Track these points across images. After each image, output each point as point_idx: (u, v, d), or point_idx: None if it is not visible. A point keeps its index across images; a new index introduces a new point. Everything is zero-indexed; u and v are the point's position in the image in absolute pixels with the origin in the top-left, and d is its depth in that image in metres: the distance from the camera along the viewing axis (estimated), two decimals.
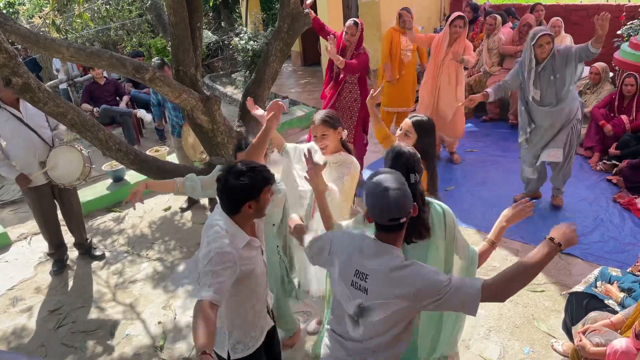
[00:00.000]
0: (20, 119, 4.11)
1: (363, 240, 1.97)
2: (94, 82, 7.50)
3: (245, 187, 2.08)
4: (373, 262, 1.89)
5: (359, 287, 1.92)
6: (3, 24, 2.85)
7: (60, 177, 4.23)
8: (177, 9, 3.19)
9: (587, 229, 4.44)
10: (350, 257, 1.97)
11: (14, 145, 4.14)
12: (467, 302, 1.81)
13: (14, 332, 3.94)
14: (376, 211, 1.85)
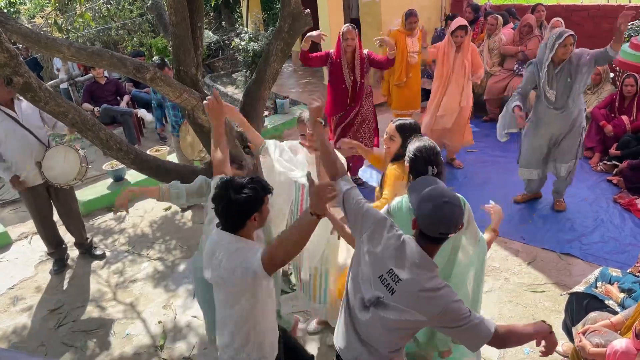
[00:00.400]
0: (15, 119, 4.11)
1: (406, 244, 1.95)
2: (95, 82, 7.51)
3: (250, 199, 2.06)
4: (411, 271, 1.89)
5: (386, 284, 1.93)
6: (4, 23, 2.85)
7: (57, 177, 4.23)
8: (178, 8, 3.19)
9: (587, 229, 4.44)
10: (387, 252, 1.96)
11: (10, 145, 4.13)
12: (475, 341, 1.90)
13: (14, 331, 3.94)
14: (431, 222, 1.87)
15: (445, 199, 1.87)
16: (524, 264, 4.09)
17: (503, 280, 3.92)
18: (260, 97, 3.83)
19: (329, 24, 8.29)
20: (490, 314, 3.58)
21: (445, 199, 1.87)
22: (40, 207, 4.41)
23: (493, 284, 3.88)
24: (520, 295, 3.75)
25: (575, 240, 4.31)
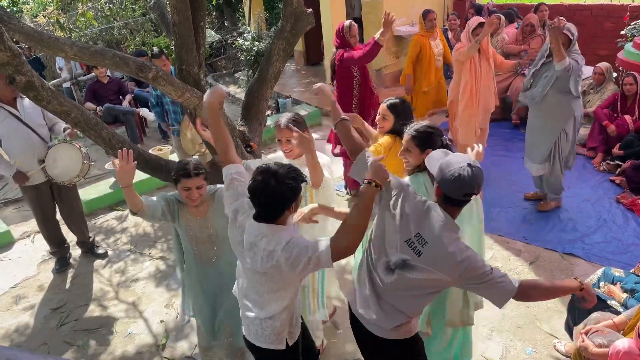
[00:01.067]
0: (18, 117, 4.13)
1: (431, 209, 2.08)
2: (98, 81, 7.52)
3: (292, 189, 2.04)
4: (438, 234, 2.02)
5: (413, 248, 2.06)
6: (7, 22, 2.86)
7: (60, 175, 4.23)
8: (180, 8, 3.19)
9: (590, 229, 4.43)
10: (413, 217, 2.08)
11: (12, 143, 4.14)
12: (501, 297, 2.05)
13: (16, 330, 3.95)
14: (456, 185, 2.00)
15: (468, 162, 2.01)
16: (526, 264, 4.08)
17: None
18: (262, 96, 3.83)
19: (331, 23, 8.28)
20: (492, 314, 3.58)
21: (468, 162, 2.01)
22: (43, 206, 4.42)
23: None
24: None
25: (578, 240, 4.30)
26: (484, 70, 5.01)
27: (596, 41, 7.67)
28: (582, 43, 6.44)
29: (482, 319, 3.53)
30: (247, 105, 3.86)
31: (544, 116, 4.43)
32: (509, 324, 3.48)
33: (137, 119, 7.61)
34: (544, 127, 4.47)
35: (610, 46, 7.30)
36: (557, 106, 4.32)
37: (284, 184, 2.02)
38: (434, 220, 2.04)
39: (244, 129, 3.71)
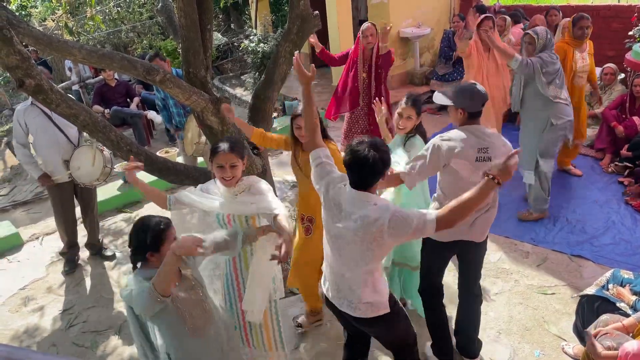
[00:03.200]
0: (49, 116, 4.23)
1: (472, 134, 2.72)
2: (105, 84, 7.57)
3: (388, 158, 2.27)
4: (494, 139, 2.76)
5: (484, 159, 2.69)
6: (16, 26, 2.88)
7: (82, 177, 4.35)
8: (187, 11, 3.21)
9: (598, 231, 4.40)
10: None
11: (40, 141, 4.29)
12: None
13: (25, 332, 3.98)
14: (475, 100, 2.68)
15: (472, 83, 2.70)
16: (534, 265, 4.06)
17: (513, 282, 3.90)
18: (269, 98, 3.85)
19: (337, 25, 8.29)
20: (500, 316, 3.56)
21: (473, 83, 2.69)
22: (65, 204, 4.51)
23: (503, 286, 3.86)
24: (531, 297, 3.72)
25: (586, 242, 4.27)
26: (492, 69, 5.04)
27: (603, 42, 7.62)
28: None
29: (489, 321, 3.52)
30: (254, 107, 3.87)
31: (525, 121, 4.51)
32: (517, 326, 3.47)
33: (145, 122, 7.65)
34: (525, 132, 4.53)
35: (617, 47, 7.25)
36: (534, 110, 4.35)
37: (381, 153, 2.22)
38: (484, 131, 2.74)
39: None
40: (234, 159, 2.59)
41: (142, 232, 2.27)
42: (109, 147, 3.37)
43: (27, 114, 4.24)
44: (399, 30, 8.38)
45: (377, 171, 2.23)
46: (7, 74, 3.91)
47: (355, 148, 2.23)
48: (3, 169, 7.69)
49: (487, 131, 2.75)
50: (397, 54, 8.46)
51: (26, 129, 4.27)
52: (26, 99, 4.35)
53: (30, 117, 4.24)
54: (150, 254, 2.26)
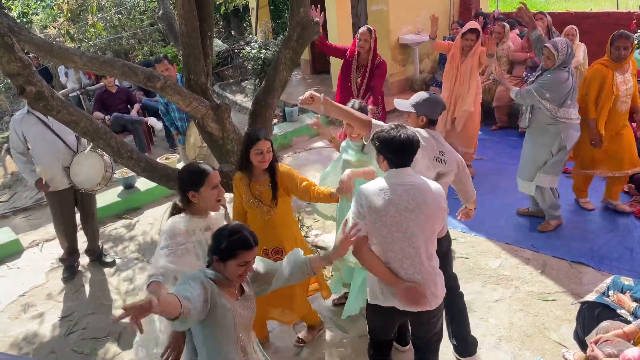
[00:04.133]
0: (47, 123, 4.22)
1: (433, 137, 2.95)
2: (106, 91, 7.59)
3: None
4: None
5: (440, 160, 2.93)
6: (17, 33, 2.90)
7: (83, 182, 4.33)
8: (188, 18, 3.23)
9: (598, 237, 4.40)
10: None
11: (39, 149, 4.26)
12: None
13: (25, 338, 3.97)
14: (437, 108, 2.99)
15: (428, 93, 3.03)
16: (535, 272, 4.06)
17: (513, 288, 3.89)
18: (269, 105, 3.86)
19: (337, 32, 8.33)
20: (500, 322, 3.56)
21: (429, 92, 3.04)
22: (65, 211, 4.50)
23: (503, 293, 3.85)
24: (531, 304, 3.72)
25: (587, 248, 4.27)
26: (462, 73, 5.22)
27: (603, 49, 7.64)
28: (589, 51, 6.44)
29: (490, 328, 3.51)
30: (255, 113, 3.88)
31: (532, 133, 4.40)
32: (518, 333, 3.46)
33: (145, 128, 7.66)
34: (531, 144, 4.44)
35: None
36: (544, 124, 4.25)
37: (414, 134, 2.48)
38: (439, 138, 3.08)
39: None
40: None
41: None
42: (109, 154, 3.38)
43: (24, 123, 4.21)
44: (398, 37, 8.41)
45: (416, 149, 2.47)
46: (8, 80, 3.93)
47: (392, 132, 2.45)
48: (3, 176, 7.70)
49: (442, 139, 3.06)
50: (396, 60, 8.51)
51: (23, 137, 4.23)
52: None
53: (27, 125, 4.20)
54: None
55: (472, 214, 3.42)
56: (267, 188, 3.06)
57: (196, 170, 2.49)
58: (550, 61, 4.08)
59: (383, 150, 2.49)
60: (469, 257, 4.31)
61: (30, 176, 4.32)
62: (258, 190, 3.07)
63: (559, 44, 4.03)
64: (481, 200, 5.18)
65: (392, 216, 2.41)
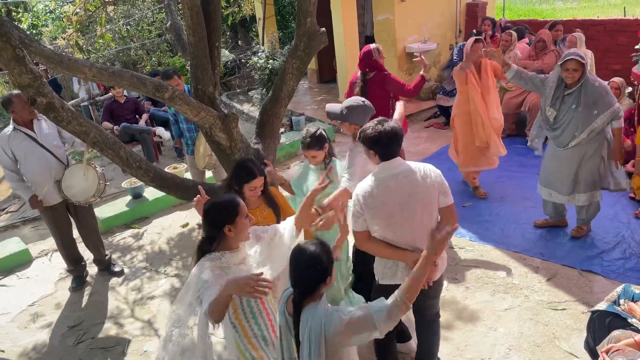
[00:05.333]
0: (35, 139, 4.20)
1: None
2: (115, 101, 7.66)
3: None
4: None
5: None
6: (28, 45, 2.94)
7: (76, 195, 4.31)
8: (196, 29, 3.26)
9: (608, 245, 4.36)
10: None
11: (29, 165, 4.21)
12: None
13: (34, 348, 3.98)
14: (365, 116, 3.24)
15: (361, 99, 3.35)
16: (544, 281, 4.03)
17: (523, 297, 3.86)
18: (276, 114, 3.88)
19: (343, 42, 8.37)
20: (510, 332, 3.53)
21: (361, 99, 3.35)
22: (60, 225, 4.48)
23: (513, 302, 3.82)
24: (541, 313, 3.69)
25: (596, 256, 4.23)
26: (486, 86, 4.99)
27: (610, 56, 7.63)
28: (596, 58, 6.43)
29: (499, 338, 3.48)
30: (262, 123, 3.90)
31: (574, 151, 4.18)
32: (527, 342, 3.43)
33: (153, 138, 7.71)
34: (573, 160, 4.22)
35: (624, 61, 7.25)
36: (598, 138, 4.11)
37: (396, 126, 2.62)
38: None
39: (259, 147, 3.75)
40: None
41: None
42: (118, 164, 3.40)
43: (12, 140, 4.14)
44: (405, 46, 8.44)
45: (401, 140, 2.61)
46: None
47: (378, 127, 2.58)
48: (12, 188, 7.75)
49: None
50: (402, 69, 8.52)
51: (12, 155, 4.16)
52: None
53: (16, 142, 4.14)
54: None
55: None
56: (267, 211, 2.99)
57: (227, 203, 2.33)
58: (577, 73, 3.95)
59: (374, 146, 2.61)
60: (478, 266, 4.28)
61: (25, 193, 4.29)
62: (259, 217, 2.92)
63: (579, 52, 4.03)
64: (489, 208, 5.19)
65: (389, 207, 2.60)
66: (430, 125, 7.78)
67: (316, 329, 2.03)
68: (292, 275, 2.13)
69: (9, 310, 4.47)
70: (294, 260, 2.12)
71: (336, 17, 8.34)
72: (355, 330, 2.03)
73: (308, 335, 2.04)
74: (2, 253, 5.17)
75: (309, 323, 2.05)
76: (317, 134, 3.25)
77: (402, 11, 8.16)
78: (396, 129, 2.60)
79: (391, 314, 2.02)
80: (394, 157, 2.63)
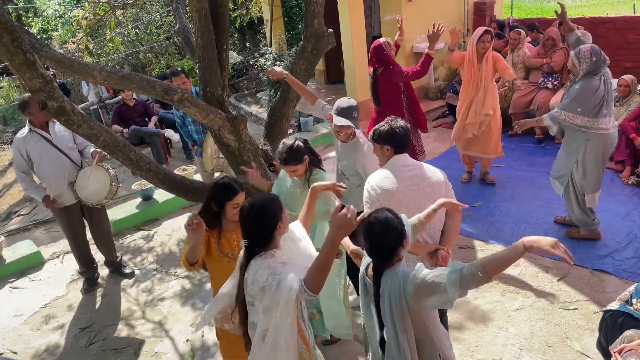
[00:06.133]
0: (50, 140, 4.26)
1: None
2: (124, 104, 7.71)
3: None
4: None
5: None
6: (39, 50, 2.97)
7: (89, 197, 4.35)
8: (204, 32, 3.28)
9: (620, 244, 4.32)
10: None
11: (44, 166, 4.27)
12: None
13: (46, 350, 4.02)
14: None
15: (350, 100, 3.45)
16: (555, 280, 4.00)
17: (534, 297, 3.84)
18: (284, 115, 3.89)
19: (351, 42, 8.36)
20: (521, 332, 3.51)
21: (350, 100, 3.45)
22: (73, 226, 4.53)
23: (524, 302, 3.80)
24: (552, 313, 3.66)
25: (608, 256, 4.20)
26: (486, 77, 5.09)
27: (620, 53, 7.57)
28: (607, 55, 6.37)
29: (510, 338, 3.46)
30: (270, 124, 3.91)
31: (565, 139, 4.30)
32: (539, 342, 3.41)
33: (162, 140, 7.75)
34: (563, 149, 4.32)
35: (635, 58, 7.20)
36: (572, 132, 4.14)
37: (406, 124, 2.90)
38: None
39: (267, 148, 3.76)
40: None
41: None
42: (128, 167, 3.42)
43: (28, 142, 4.22)
44: (412, 45, 8.41)
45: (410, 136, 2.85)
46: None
47: (393, 124, 2.78)
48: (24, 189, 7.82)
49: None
50: None
51: (27, 156, 4.23)
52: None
53: (31, 144, 4.21)
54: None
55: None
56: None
57: (273, 202, 2.27)
58: (576, 69, 4.00)
59: (388, 141, 2.79)
60: None
61: (37, 194, 4.34)
62: (237, 240, 2.70)
63: (581, 51, 3.92)
64: (499, 208, 5.16)
65: (402, 194, 2.74)
66: (438, 125, 7.75)
67: (395, 291, 2.08)
68: (370, 247, 2.14)
69: (21, 312, 4.52)
70: (369, 233, 2.11)
71: (343, 18, 8.33)
72: (427, 293, 2.04)
73: (388, 298, 2.10)
74: (14, 255, 5.23)
75: (388, 285, 2.10)
76: (294, 147, 3.07)
77: (410, 11, 8.14)
78: (407, 126, 2.82)
79: (462, 283, 1.99)
80: (406, 152, 2.83)
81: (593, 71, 3.94)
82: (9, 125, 11.74)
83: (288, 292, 2.04)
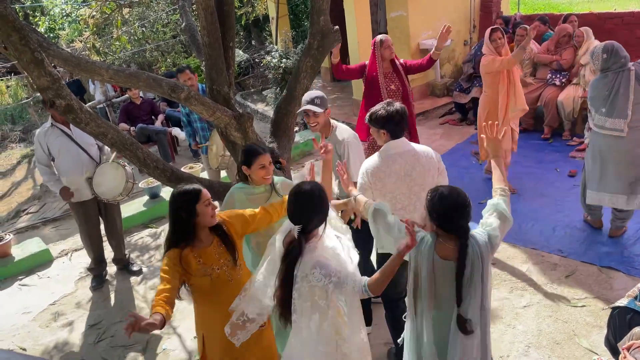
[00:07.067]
0: (70, 136, 4.32)
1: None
2: (131, 102, 7.75)
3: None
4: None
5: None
6: (46, 48, 2.99)
7: (105, 193, 4.41)
8: (211, 30, 3.28)
9: (628, 241, 4.30)
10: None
11: (63, 161, 4.34)
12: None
13: (55, 347, 4.05)
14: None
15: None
16: (563, 277, 3.98)
17: (541, 294, 3.82)
18: (290, 113, 3.88)
19: (357, 39, 8.35)
20: (529, 329, 3.50)
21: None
22: (89, 221, 4.58)
23: (531, 299, 3.79)
24: (560, 310, 3.65)
25: (616, 252, 4.17)
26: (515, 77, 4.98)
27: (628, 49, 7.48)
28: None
29: (518, 335, 3.45)
30: (276, 122, 3.91)
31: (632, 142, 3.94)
32: (547, 339, 3.40)
33: (169, 138, 7.79)
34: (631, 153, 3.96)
35: None
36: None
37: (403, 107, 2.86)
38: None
39: (274, 146, 3.76)
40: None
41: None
42: (136, 164, 3.43)
43: (48, 136, 4.30)
44: (418, 42, 8.39)
45: (406, 119, 2.88)
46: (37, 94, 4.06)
47: (389, 108, 2.81)
48: (33, 187, 7.89)
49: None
50: None
51: (48, 150, 4.32)
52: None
53: (52, 138, 4.30)
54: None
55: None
56: (222, 248, 2.58)
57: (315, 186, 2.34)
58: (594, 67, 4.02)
59: (385, 125, 2.83)
60: (495, 263, 4.25)
61: (55, 186, 4.40)
62: (217, 254, 2.56)
63: (596, 49, 3.95)
64: None
65: (395, 180, 2.84)
66: (445, 122, 7.73)
67: (484, 252, 2.21)
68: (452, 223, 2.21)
69: (30, 309, 4.56)
70: (453, 209, 2.20)
71: (349, 15, 8.32)
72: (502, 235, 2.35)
73: (471, 264, 2.17)
74: (23, 253, 5.27)
75: (474, 250, 2.18)
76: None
77: (416, 7, 8.11)
78: (404, 108, 2.86)
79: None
80: (401, 137, 2.87)
81: (606, 69, 3.93)
82: (17, 124, 11.81)
83: (352, 288, 2.24)
